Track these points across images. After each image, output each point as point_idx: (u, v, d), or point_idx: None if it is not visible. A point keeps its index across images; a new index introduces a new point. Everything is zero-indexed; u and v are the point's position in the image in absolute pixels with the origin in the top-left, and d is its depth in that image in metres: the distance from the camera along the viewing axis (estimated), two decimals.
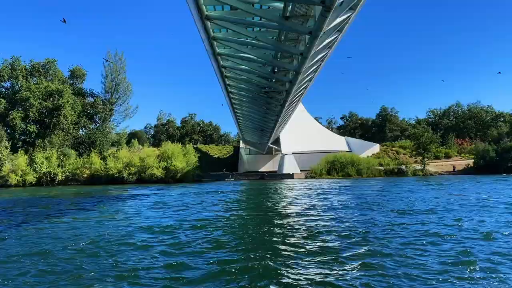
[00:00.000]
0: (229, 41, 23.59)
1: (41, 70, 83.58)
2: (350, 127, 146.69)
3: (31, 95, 74.17)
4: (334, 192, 40.59)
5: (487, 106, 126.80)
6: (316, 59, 25.98)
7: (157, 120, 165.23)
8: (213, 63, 29.04)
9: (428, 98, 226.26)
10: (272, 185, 58.33)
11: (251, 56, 24.77)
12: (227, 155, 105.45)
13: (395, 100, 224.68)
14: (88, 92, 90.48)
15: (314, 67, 29.49)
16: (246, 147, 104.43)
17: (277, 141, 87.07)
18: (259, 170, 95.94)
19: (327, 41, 22.96)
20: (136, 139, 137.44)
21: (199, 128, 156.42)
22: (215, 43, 24.64)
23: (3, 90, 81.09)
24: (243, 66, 28.35)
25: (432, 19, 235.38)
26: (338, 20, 19.63)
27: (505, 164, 76.81)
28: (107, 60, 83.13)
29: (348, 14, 20.52)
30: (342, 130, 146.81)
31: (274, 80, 29.57)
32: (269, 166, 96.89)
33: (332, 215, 21.68)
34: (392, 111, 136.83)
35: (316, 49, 21.56)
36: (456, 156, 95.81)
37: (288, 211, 25.22)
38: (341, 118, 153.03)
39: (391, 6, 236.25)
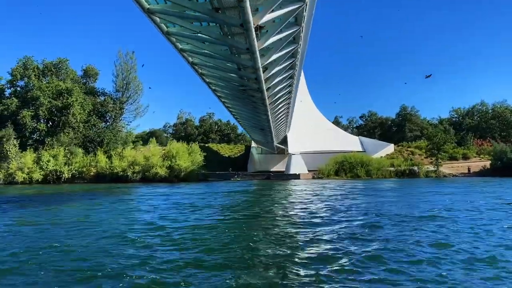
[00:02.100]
0: (183, 36, 22.71)
1: (53, 70, 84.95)
2: (369, 127, 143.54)
3: (41, 94, 75.44)
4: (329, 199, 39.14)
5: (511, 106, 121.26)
6: (280, 54, 24.79)
7: (177, 119, 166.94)
8: (184, 60, 28.28)
9: (455, 97, 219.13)
10: (275, 186, 57.00)
11: (210, 52, 23.78)
12: (238, 154, 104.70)
13: (418, 100, 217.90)
14: (100, 91, 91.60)
15: (286, 64, 28.27)
16: (258, 147, 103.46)
17: (284, 141, 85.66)
18: (271, 170, 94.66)
19: (281, 35, 21.78)
20: (154, 138, 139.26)
21: (216, 127, 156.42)
22: (173, 39, 23.81)
23: (18, 89, 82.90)
24: (210, 63, 27.43)
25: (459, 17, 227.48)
26: (280, 12, 18.46)
27: None
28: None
29: (296, 6, 19.34)
30: (361, 130, 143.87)
31: (247, 78, 28.45)
32: (281, 166, 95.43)
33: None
34: (412, 110, 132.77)
35: (266, 43, 20.39)
36: (475, 157, 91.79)
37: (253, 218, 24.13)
38: (361, 117, 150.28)
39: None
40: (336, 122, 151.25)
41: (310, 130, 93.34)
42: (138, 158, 71.19)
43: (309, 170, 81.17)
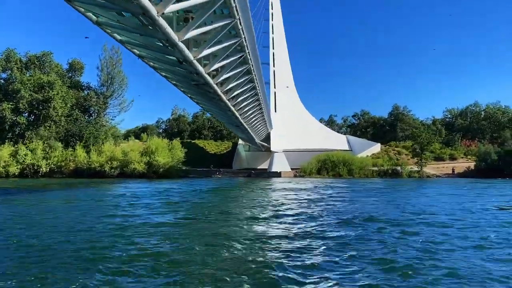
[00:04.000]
0: (112, 26, 21.89)
1: (36, 63, 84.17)
2: (362, 126, 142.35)
3: (22, 87, 74.69)
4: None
5: (504, 107, 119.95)
6: (217, 47, 24.04)
7: (171, 115, 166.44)
8: (132, 53, 27.50)
9: (455, 98, 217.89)
10: (250, 184, 56.20)
11: (144, 44, 23.01)
12: (225, 151, 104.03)
13: (415, 99, 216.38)
14: (85, 85, 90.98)
15: (231, 59, 27.47)
16: (246, 144, 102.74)
17: (268, 138, 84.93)
18: (257, 167, 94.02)
19: (208, 27, 21.02)
20: (145, 133, 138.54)
21: (209, 123, 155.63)
22: (108, 30, 23.01)
23: (0, 82, 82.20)
24: (153, 56, 26.66)
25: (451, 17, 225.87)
26: (186, 4, 17.67)
27: (508, 168, 71.83)
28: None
29: None
30: (355, 129, 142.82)
31: (190, 72, 27.63)
32: (267, 164, 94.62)
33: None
34: (404, 110, 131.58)
35: (188, 35, 19.58)
36: (462, 158, 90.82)
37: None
38: (353, 116, 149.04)
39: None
40: (331, 121, 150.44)
41: (297, 128, 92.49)
42: (116, 154, 70.44)
43: (294, 168, 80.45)
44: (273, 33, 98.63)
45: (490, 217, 20.71)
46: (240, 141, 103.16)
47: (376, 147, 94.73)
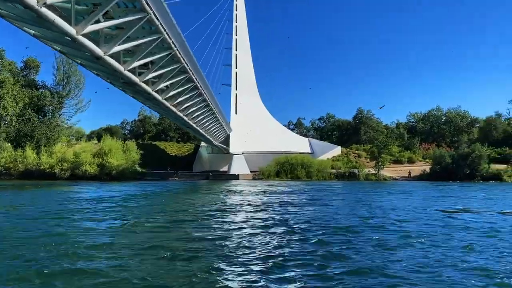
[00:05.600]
0: (18, 20, 20.61)
1: None
2: (328, 129, 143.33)
3: None
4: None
5: (463, 111, 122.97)
6: (136, 42, 23.07)
7: (138, 116, 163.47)
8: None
9: (421, 102, 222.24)
10: (203, 187, 55.18)
11: (39, 34, 21.76)
12: (186, 153, 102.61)
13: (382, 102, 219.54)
14: (41, 84, 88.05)
15: (157, 57, 26.54)
16: (209, 146, 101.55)
17: (227, 140, 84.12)
18: (220, 170, 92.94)
19: (116, 22, 20.07)
20: (108, 135, 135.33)
21: (175, 125, 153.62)
22: (17, 24, 21.68)
23: None
24: (68, 52, 25.46)
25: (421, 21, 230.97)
26: None
27: (461, 171, 73.28)
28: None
29: None
30: (321, 132, 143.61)
31: (112, 70, 26.48)
32: None
33: None
34: (368, 113, 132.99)
35: (88, 29, 18.54)
36: (421, 161, 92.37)
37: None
38: (319, 119, 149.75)
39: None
40: (299, 124, 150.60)
41: (258, 131, 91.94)
42: (67, 155, 68.20)
43: (255, 171, 79.89)
44: (236, 35, 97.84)
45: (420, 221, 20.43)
46: (203, 143, 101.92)
47: (337, 150, 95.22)
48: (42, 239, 14.24)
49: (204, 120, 54.88)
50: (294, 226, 17.94)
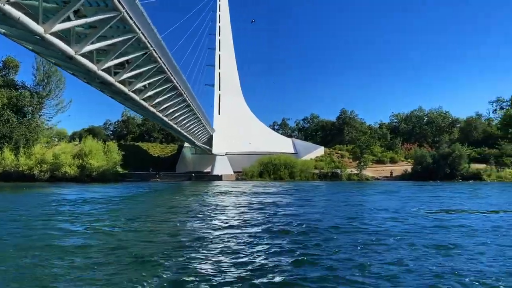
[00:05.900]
0: None
1: None
2: (312, 129, 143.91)
3: None
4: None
5: (445, 112, 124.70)
6: (109, 42, 22.72)
7: (122, 116, 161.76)
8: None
9: (406, 103, 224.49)
10: (185, 188, 54.72)
11: (8, 33, 21.29)
12: (169, 154, 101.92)
13: (365, 104, 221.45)
14: (20, 84, 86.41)
15: (132, 56, 26.21)
16: (192, 147, 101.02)
17: (210, 141, 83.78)
18: (204, 170, 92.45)
19: (83, 20, 19.70)
20: (90, 135, 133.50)
21: (159, 126, 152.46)
22: None
23: None
24: (41, 52, 24.97)
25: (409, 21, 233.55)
26: None
27: (442, 171, 74.18)
28: None
29: None
30: (305, 132, 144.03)
31: (85, 70, 26.07)
32: None
33: None
34: (351, 114, 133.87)
35: (56, 28, 18.17)
36: (403, 161, 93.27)
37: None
38: (303, 120, 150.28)
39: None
40: (284, 124, 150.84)
41: (242, 132, 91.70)
42: (47, 156, 67.05)
43: (238, 172, 79.72)
44: (219, 35, 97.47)
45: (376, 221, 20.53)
46: (186, 144, 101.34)
47: (320, 150, 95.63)
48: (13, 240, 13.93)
49: (186, 121, 54.53)
50: (273, 228, 17.88)
